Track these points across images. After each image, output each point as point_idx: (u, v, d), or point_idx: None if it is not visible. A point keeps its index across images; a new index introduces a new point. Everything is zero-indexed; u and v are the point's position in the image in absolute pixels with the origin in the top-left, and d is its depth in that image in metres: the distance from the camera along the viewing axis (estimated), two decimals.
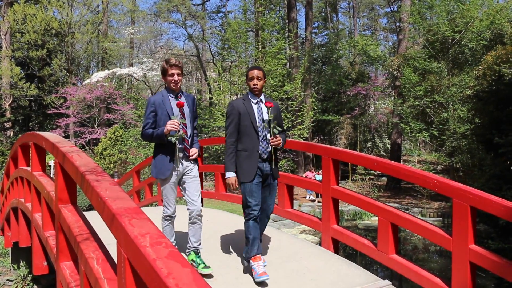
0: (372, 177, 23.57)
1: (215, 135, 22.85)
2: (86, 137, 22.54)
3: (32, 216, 4.69)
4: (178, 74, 4.01)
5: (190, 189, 4.12)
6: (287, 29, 24.26)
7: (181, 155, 4.07)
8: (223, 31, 30.59)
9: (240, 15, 26.39)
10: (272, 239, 5.28)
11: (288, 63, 23.24)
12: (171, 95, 4.07)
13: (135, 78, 29.84)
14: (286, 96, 19.18)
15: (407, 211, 5.30)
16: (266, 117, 4.07)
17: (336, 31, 35.48)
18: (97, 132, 22.70)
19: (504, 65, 13.55)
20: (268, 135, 4.07)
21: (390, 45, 36.46)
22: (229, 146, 4.06)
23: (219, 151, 23.14)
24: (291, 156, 22.94)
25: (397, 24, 28.71)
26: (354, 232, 4.94)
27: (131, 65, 31.68)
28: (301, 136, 19.97)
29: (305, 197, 19.81)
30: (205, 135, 23.68)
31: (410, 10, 21.56)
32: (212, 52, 33.83)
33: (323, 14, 38.72)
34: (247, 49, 22.88)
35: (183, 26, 33.35)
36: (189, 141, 4.11)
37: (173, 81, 3.99)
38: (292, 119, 20.01)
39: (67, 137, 22.43)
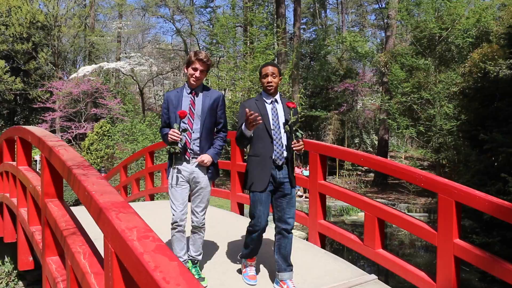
0: (360, 173, 23.73)
1: None
2: (72, 132, 22.34)
3: (17, 211, 4.65)
4: (201, 72, 3.62)
5: (195, 199, 3.78)
6: (275, 24, 24.24)
7: (182, 160, 3.71)
8: (211, 26, 30.44)
9: (228, 10, 26.27)
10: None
11: (276, 59, 23.22)
12: (187, 90, 3.71)
13: (123, 73, 29.60)
14: None
15: (393, 207, 5.34)
16: (282, 119, 3.64)
17: (324, 27, 35.54)
18: (84, 126, 22.51)
19: (490, 62, 13.68)
20: (284, 139, 3.62)
21: (378, 42, 36.61)
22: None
23: None
24: None
25: (385, 20, 28.84)
26: (341, 227, 4.98)
27: (118, 59, 31.40)
28: None
29: None
30: None
31: (398, 7, 21.66)
32: (200, 47, 33.68)
33: (312, 10, 38.75)
34: (235, 44, 22.81)
35: (171, 21, 33.16)
36: (193, 144, 3.67)
37: (194, 76, 3.61)
38: None
39: (53, 131, 22.20)
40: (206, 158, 3.68)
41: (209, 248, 4.60)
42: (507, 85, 8.85)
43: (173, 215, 3.71)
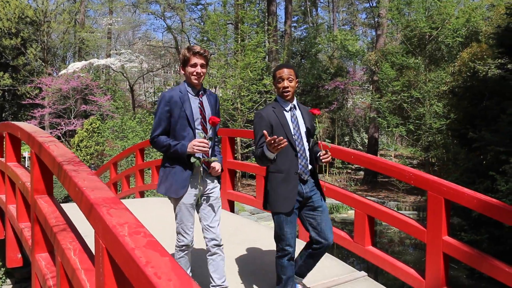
0: (350, 171, 23.81)
1: None
2: (62, 129, 22.16)
3: (6, 208, 4.62)
4: (202, 66, 3.20)
5: (208, 213, 3.31)
6: (266, 22, 24.24)
7: (196, 175, 3.24)
8: (202, 23, 30.39)
9: (219, 7, 26.28)
10: (251, 231, 5.33)
11: (267, 57, 23.24)
12: (190, 92, 3.25)
13: (113, 69, 29.44)
14: (265, 89, 19.16)
15: (383, 204, 5.37)
16: (302, 127, 3.27)
17: (315, 25, 35.58)
18: (73, 123, 22.34)
19: (479, 62, 13.80)
20: (306, 148, 3.25)
21: (368, 40, 36.75)
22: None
23: None
24: None
25: (376, 19, 28.96)
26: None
27: (108, 56, 31.22)
28: None
29: None
30: None
31: (389, 6, 21.75)
32: (191, 44, 33.57)
33: (303, 8, 38.80)
34: (226, 42, 22.76)
35: (162, 18, 32.98)
36: (210, 153, 3.26)
37: (195, 73, 3.18)
38: None
39: (42, 128, 21.96)
40: (218, 165, 3.32)
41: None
42: (496, 84, 8.94)
43: (185, 238, 3.24)
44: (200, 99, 3.27)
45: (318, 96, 25.07)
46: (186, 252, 3.29)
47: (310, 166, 3.26)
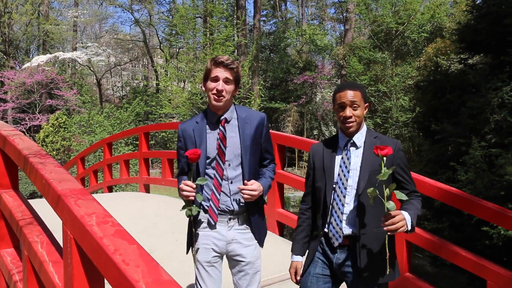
0: None
1: (162, 122, 22.60)
2: (26, 124, 21.62)
3: None
4: (226, 81, 2.36)
5: (240, 281, 2.50)
6: (235, 16, 24.19)
7: (203, 225, 2.46)
8: (170, 17, 30.08)
9: (188, 1, 26.05)
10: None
11: (236, 51, 23.22)
12: (211, 119, 2.44)
13: (79, 63, 28.83)
14: None
15: None
16: (354, 174, 2.28)
17: (284, 19, 35.75)
18: (38, 118, 21.82)
19: (443, 57, 14.20)
20: (345, 206, 2.28)
21: (337, 35, 37.15)
22: (299, 216, 2.52)
23: (165, 138, 22.91)
24: None
25: (344, 14, 29.30)
26: None
27: (74, 49, 30.56)
28: None
29: None
30: (151, 122, 23.36)
31: (356, 1, 22.05)
32: (160, 38, 33.23)
33: (272, 2, 38.84)
34: (195, 36, 22.66)
35: (130, 11, 32.49)
36: (225, 202, 2.42)
37: (214, 90, 2.35)
38: None
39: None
40: (257, 186, 2.36)
41: (169, 235, 4.61)
42: (457, 78, 9.25)
43: None
44: (222, 128, 2.40)
45: (287, 90, 25.26)
46: None
47: (349, 230, 2.27)
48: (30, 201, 4.13)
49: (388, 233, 2.11)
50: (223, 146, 2.38)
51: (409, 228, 2.12)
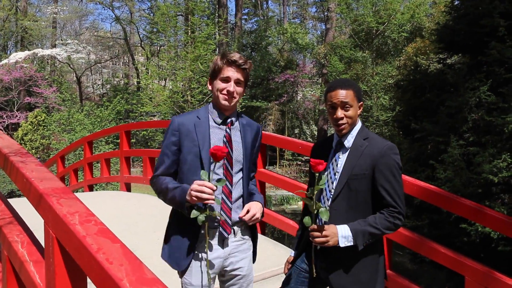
0: (300, 163, 24.22)
1: (143, 120, 22.44)
2: (4, 122, 21.24)
3: None
4: (238, 83, 2.18)
5: None
6: (217, 14, 24.18)
7: (214, 239, 2.20)
8: (152, 14, 29.86)
9: None
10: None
11: (217, 49, 23.19)
12: (215, 118, 2.24)
13: (59, 60, 28.42)
14: None
15: None
16: (343, 177, 2.16)
17: (265, 18, 35.79)
18: (16, 116, 21.45)
19: (422, 56, 14.41)
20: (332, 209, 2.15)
21: (318, 34, 37.39)
22: (302, 213, 2.50)
23: (146, 137, 22.77)
24: None
25: (325, 13, 29.49)
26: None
27: (54, 46, 30.06)
28: None
29: None
30: (132, 120, 23.17)
31: (338, 1, 22.22)
32: (140, 36, 32.98)
33: (253, 1, 38.84)
34: (176, 34, 22.57)
35: (110, 8, 32.12)
36: (235, 209, 2.21)
37: (225, 91, 2.17)
38: None
39: None
40: (256, 208, 2.19)
41: (150, 233, 4.59)
42: (436, 78, 9.38)
43: None
44: (228, 130, 2.23)
45: (268, 89, 25.31)
46: None
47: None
48: (9, 200, 4.08)
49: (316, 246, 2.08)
50: (230, 149, 2.19)
51: (342, 245, 2.03)
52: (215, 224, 2.16)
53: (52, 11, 30.68)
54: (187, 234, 2.16)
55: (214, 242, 2.19)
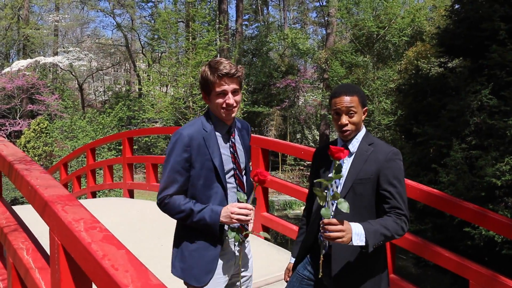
0: (302, 167, 24.20)
1: (145, 126, 22.48)
2: (6, 129, 21.28)
3: None
4: (234, 92, 2.11)
5: None
6: (217, 20, 24.23)
7: (237, 249, 2.23)
8: (153, 21, 29.99)
9: (170, 5, 26.01)
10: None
11: (218, 55, 23.25)
12: (220, 130, 2.19)
13: (61, 68, 28.54)
14: None
15: None
16: (347, 183, 2.15)
17: (266, 23, 35.89)
18: (19, 124, 21.49)
19: (423, 60, 14.40)
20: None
21: (318, 39, 37.39)
22: (301, 219, 2.47)
23: (149, 143, 22.80)
24: None
25: (326, 18, 29.53)
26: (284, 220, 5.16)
27: (55, 54, 30.19)
28: None
29: None
30: (134, 127, 23.22)
31: (338, 5, 22.25)
32: (142, 43, 33.07)
33: (254, 7, 38.97)
34: (177, 40, 22.63)
35: (111, 15, 32.27)
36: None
37: (224, 105, 2.11)
38: None
39: None
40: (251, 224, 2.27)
41: (153, 240, 4.59)
42: (437, 81, 9.39)
43: None
44: (233, 139, 2.23)
45: (270, 94, 25.35)
46: None
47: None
48: (14, 207, 4.10)
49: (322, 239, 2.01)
50: (237, 157, 2.21)
51: (355, 243, 1.93)
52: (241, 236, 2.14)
53: (54, 19, 30.82)
54: (206, 250, 2.13)
55: (234, 250, 2.22)
